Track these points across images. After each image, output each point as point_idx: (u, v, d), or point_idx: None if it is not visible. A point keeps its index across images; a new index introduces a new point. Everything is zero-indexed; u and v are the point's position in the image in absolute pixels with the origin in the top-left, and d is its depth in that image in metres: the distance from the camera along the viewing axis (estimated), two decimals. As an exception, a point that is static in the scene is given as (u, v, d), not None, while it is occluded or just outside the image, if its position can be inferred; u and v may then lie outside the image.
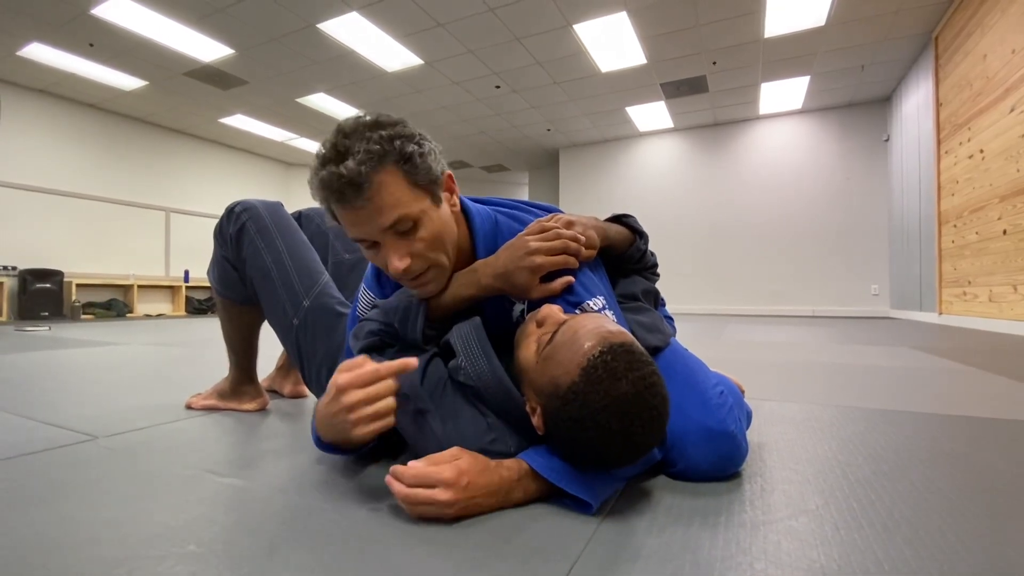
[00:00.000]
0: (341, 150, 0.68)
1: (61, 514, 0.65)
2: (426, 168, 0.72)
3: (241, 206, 1.13)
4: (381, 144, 0.68)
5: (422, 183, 0.72)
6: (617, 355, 0.62)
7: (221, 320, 1.26)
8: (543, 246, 0.77)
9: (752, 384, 1.59)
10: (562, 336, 0.67)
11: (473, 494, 0.62)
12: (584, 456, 0.64)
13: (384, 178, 0.69)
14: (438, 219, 0.75)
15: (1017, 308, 3.53)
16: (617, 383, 0.60)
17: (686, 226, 7.60)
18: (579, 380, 0.61)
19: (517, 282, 0.77)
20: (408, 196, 0.71)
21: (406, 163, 0.70)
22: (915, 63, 5.43)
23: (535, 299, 0.79)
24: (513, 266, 0.77)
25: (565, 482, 0.64)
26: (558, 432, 0.65)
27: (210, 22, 4.53)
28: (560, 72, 5.63)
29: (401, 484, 0.61)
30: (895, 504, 0.68)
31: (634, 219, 0.99)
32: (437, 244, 0.75)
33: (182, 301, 7.20)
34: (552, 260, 0.77)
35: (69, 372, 1.89)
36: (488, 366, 0.71)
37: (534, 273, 0.77)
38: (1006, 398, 1.41)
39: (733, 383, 0.88)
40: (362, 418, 0.65)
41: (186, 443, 0.98)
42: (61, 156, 6.21)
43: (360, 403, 0.64)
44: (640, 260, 0.99)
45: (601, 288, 0.83)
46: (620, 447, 0.61)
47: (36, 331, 3.98)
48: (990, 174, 3.89)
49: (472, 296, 0.80)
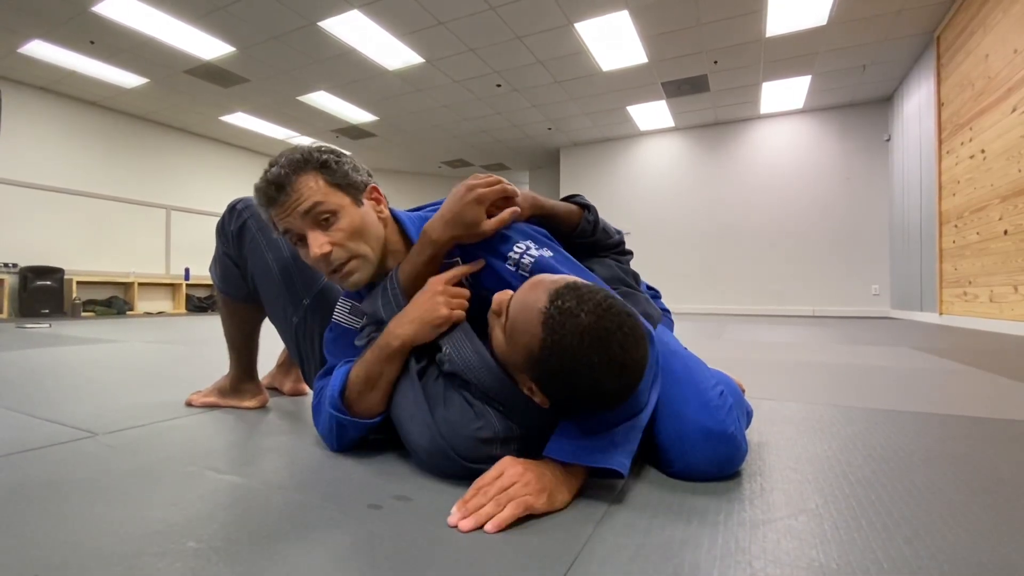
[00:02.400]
0: (271, 165, 0.84)
1: (60, 511, 0.65)
2: (343, 173, 0.85)
3: (243, 203, 1.13)
4: (301, 155, 0.84)
5: (340, 184, 0.84)
6: (565, 297, 0.63)
7: (222, 317, 1.26)
8: (480, 181, 0.83)
9: (752, 383, 1.59)
10: (513, 308, 0.69)
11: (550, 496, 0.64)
12: (588, 402, 0.64)
13: (303, 178, 0.82)
14: (358, 214, 0.85)
15: (1018, 308, 3.53)
16: (577, 319, 0.61)
17: (687, 225, 7.59)
18: (544, 335, 0.63)
19: (467, 219, 0.82)
20: (325, 191, 0.82)
21: (323, 168, 0.83)
22: (917, 63, 5.42)
23: (490, 232, 0.83)
24: (459, 207, 0.82)
25: (591, 459, 0.67)
26: (556, 393, 0.66)
27: (211, 20, 4.53)
28: (561, 71, 5.62)
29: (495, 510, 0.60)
30: (895, 503, 0.68)
31: (581, 196, 1.03)
32: (357, 235, 0.84)
33: (182, 299, 7.21)
34: (492, 190, 0.83)
35: (69, 369, 1.89)
36: (471, 347, 0.75)
37: (479, 203, 0.82)
38: (1006, 398, 1.41)
39: (733, 381, 0.88)
40: (451, 302, 0.79)
41: (186, 440, 0.98)
42: (62, 154, 6.21)
43: (449, 293, 0.80)
44: (594, 233, 1.00)
45: (531, 235, 0.87)
46: (613, 376, 0.62)
47: (36, 328, 3.98)
48: (991, 174, 3.88)
49: (432, 256, 0.84)
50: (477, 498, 0.62)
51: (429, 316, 0.78)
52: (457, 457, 0.71)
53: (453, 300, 0.79)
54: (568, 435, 0.69)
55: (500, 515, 0.59)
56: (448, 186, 9.66)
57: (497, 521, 0.59)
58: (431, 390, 0.77)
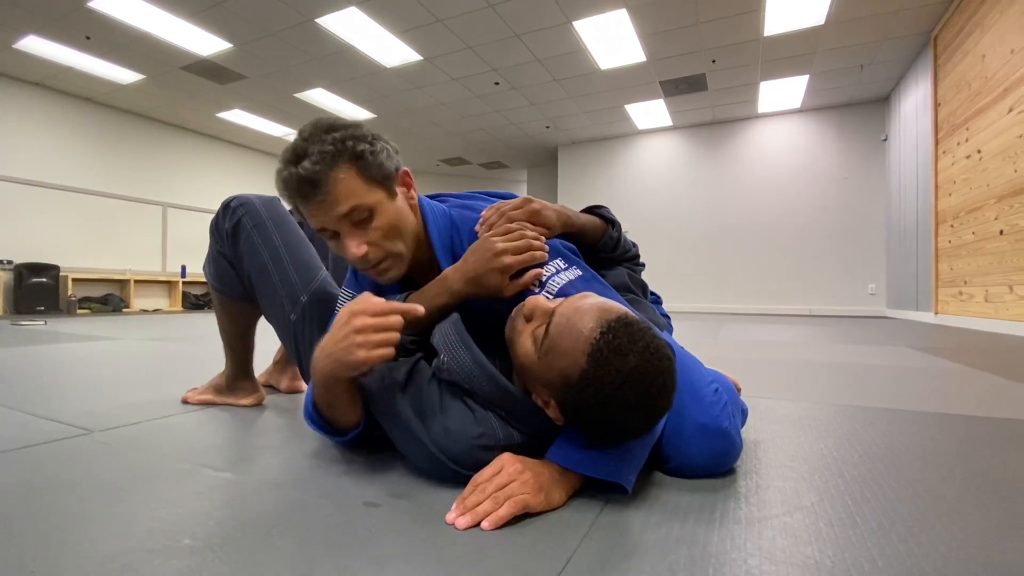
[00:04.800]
0: (299, 152, 0.76)
1: (55, 508, 0.65)
2: (378, 164, 0.79)
3: (237, 201, 1.13)
4: (334, 145, 0.76)
5: (375, 177, 0.79)
6: (617, 332, 0.62)
7: (217, 315, 1.25)
8: (509, 246, 0.79)
9: (748, 382, 1.59)
10: (557, 327, 0.66)
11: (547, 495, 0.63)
12: (609, 434, 0.64)
13: (338, 175, 0.76)
14: (393, 210, 0.81)
15: (1013, 308, 3.54)
16: (625, 359, 0.61)
17: (684, 224, 7.60)
18: (588, 367, 0.62)
19: (489, 284, 0.79)
20: (362, 189, 0.78)
21: (358, 160, 0.77)
22: (914, 63, 5.44)
23: (510, 296, 0.80)
24: (483, 269, 0.79)
25: (595, 470, 0.66)
26: (579, 419, 0.65)
27: (208, 16, 4.51)
28: (559, 69, 5.62)
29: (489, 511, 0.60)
30: (889, 501, 0.68)
31: (607, 209, 1.01)
32: (393, 233, 0.81)
33: (179, 296, 7.18)
34: (519, 259, 0.79)
35: (65, 367, 1.88)
36: (468, 354, 0.73)
37: (503, 273, 0.79)
38: (1001, 397, 1.42)
39: (729, 380, 0.88)
40: (369, 342, 0.67)
41: (182, 438, 0.98)
42: (58, 150, 6.18)
43: (369, 328, 0.67)
44: (615, 248, 1.00)
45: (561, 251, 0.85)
46: (642, 416, 0.63)
47: (32, 325, 3.97)
48: (987, 174, 3.90)
49: (446, 304, 0.81)
50: (475, 495, 0.62)
51: (345, 357, 0.67)
52: (457, 468, 0.70)
53: (374, 337, 0.66)
54: (575, 442, 0.68)
55: (497, 513, 0.59)
56: (446, 184, 9.64)
57: (494, 519, 0.59)
58: (425, 395, 0.74)
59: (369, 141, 0.79)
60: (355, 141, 0.78)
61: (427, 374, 0.77)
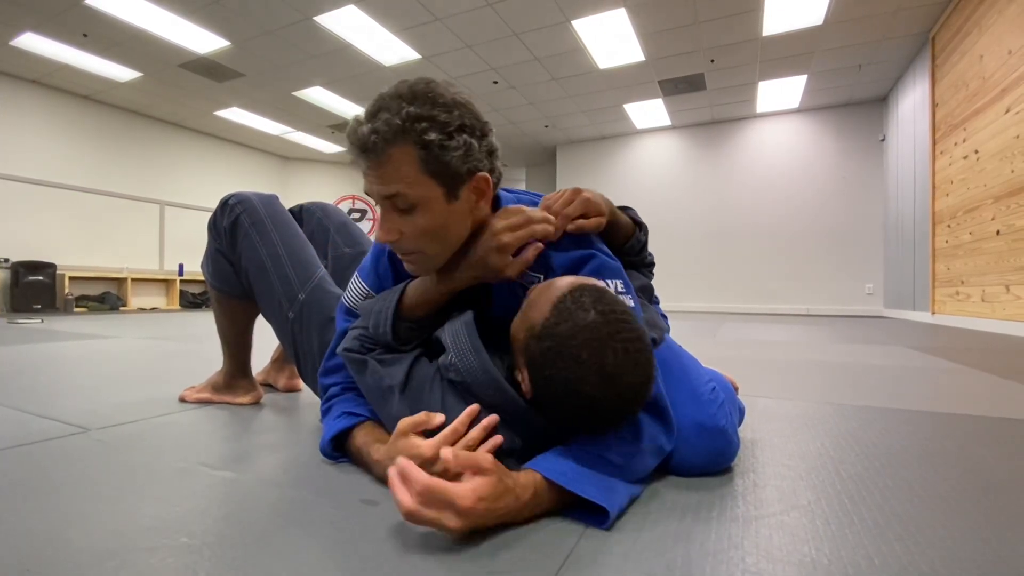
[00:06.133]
0: (373, 110, 0.70)
1: (52, 506, 0.65)
2: (445, 160, 0.70)
3: (235, 198, 1.12)
4: (403, 121, 0.67)
5: (436, 172, 0.70)
6: (587, 291, 0.63)
7: (215, 313, 1.25)
8: (507, 223, 0.76)
9: (746, 381, 1.60)
10: (536, 288, 0.70)
11: (485, 521, 0.56)
12: (567, 403, 0.61)
13: (395, 153, 0.69)
14: (444, 212, 0.72)
15: (1009, 308, 3.55)
16: (584, 313, 0.61)
17: (683, 223, 7.61)
18: (550, 315, 0.63)
19: (490, 264, 0.76)
20: (415, 178, 0.70)
21: (423, 148, 0.68)
22: (912, 63, 5.45)
23: (514, 276, 0.77)
24: (483, 250, 0.76)
25: (578, 485, 0.60)
26: (537, 378, 0.63)
27: (205, 13, 4.49)
28: (558, 68, 5.62)
29: (407, 494, 0.53)
30: (886, 500, 0.68)
31: (635, 211, 1.00)
32: (433, 236, 0.74)
33: (176, 295, 7.16)
34: (517, 235, 0.76)
35: (61, 365, 1.87)
36: (477, 359, 0.70)
37: (502, 252, 0.75)
38: (998, 397, 1.43)
39: (726, 380, 0.88)
40: None
41: (179, 436, 0.97)
42: (55, 148, 6.16)
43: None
44: (640, 253, 0.99)
45: (622, 274, 0.81)
46: (598, 383, 0.59)
47: (29, 324, 3.95)
48: (985, 175, 3.91)
49: (451, 289, 0.79)
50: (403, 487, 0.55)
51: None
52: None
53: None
54: (559, 454, 0.65)
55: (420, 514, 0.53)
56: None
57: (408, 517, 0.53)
58: (426, 397, 0.73)
59: (448, 132, 0.69)
60: (429, 125, 0.68)
61: (428, 373, 0.75)
